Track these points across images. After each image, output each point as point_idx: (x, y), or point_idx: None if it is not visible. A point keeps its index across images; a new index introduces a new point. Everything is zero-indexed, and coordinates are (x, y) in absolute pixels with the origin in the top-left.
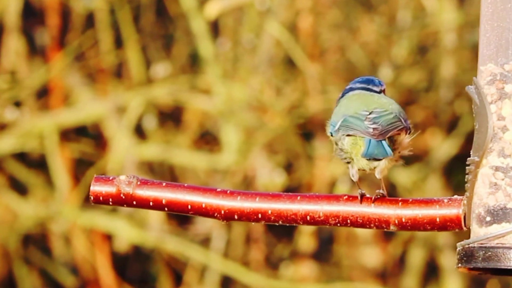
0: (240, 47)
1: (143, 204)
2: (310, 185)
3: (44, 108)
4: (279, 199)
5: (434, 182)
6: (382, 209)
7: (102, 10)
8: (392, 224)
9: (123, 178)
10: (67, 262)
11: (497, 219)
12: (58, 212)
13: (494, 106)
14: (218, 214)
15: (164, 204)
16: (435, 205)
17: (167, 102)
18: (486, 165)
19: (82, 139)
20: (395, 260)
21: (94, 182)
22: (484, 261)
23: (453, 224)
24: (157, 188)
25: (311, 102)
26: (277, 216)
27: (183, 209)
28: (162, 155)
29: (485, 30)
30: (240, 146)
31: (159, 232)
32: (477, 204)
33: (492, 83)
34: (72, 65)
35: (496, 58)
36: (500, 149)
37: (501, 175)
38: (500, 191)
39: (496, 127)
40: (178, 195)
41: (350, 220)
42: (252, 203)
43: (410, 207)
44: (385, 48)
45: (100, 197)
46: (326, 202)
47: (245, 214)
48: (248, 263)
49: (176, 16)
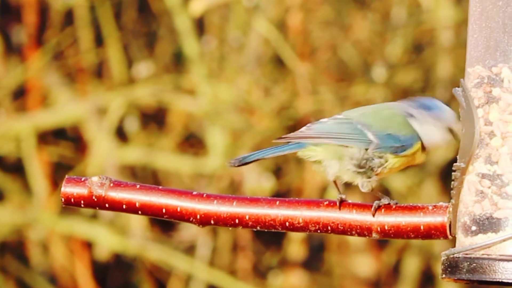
0: (227, 45)
1: (116, 207)
2: (300, 190)
3: (21, 110)
4: (257, 204)
5: (430, 187)
6: (364, 216)
7: (81, 6)
8: (374, 231)
9: (95, 180)
10: (45, 271)
11: (483, 229)
12: (36, 219)
13: (481, 110)
14: (194, 219)
15: (137, 207)
16: (419, 212)
17: (149, 103)
18: (472, 171)
19: (60, 142)
20: (389, 269)
21: (65, 183)
22: (468, 272)
23: (438, 232)
24: (131, 190)
25: (301, 103)
26: (255, 221)
27: (158, 212)
28: (144, 158)
29: (473, 31)
30: (226, 149)
31: (141, 240)
32: (463, 212)
33: (480, 86)
34: (50, 65)
35: (484, 60)
36: (487, 156)
37: (487, 183)
38: (487, 200)
39: (483, 132)
40: (152, 198)
41: (331, 227)
42: (229, 207)
43: (393, 214)
44: (379, 46)
45: (71, 199)
46: (306, 207)
47: (221, 219)
48: (235, 271)
49: (160, 13)
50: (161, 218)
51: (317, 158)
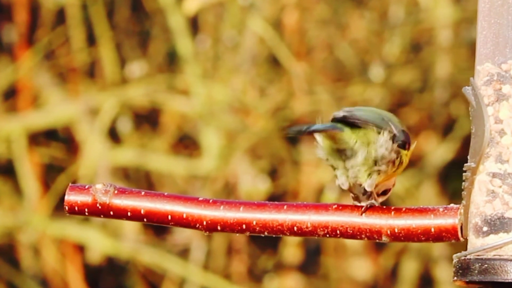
0: (221, 44)
1: (121, 214)
2: (296, 192)
3: (12, 110)
4: (264, 209)
5: (429, 189)
6: (373, 219)
7: (73, 5)
8: (384, 234)
9: (99, 187)
10: (36, 275)
11: (495, 229)
12: (27, 221)
13: (491, 108)
14: (200, 225)
15: (142, 214)
16: (430, 215)
17: (143, 104)
18: (483, 171)
19: (52, 143)
20: (386, 273)
21: (69, 191)
22: (480, 274)
23: (449, 234)
24: (136, 197)
25: (297, 103)
26: (262, 226)
27: (163, 219)
28: (137, 160)
29: (482, 28)
30: (221, 151)
31: (134, 243)
32: (474, 213)
33: (489, 84)
34: (41, 64)
35: (493, 57)
36: (497, 154)
37: (498, 182)
38: (498, 199)
39: (493, 130)
40: (158, 205)
41: (340, 231)
42: (236, 213)
43: (403, 217)
44: (376, 45)
45: (75, 207)
46: (314, 211)
47: (228, 225)
48: (229, 275)
49: (153, 11)
50: (167, 225)
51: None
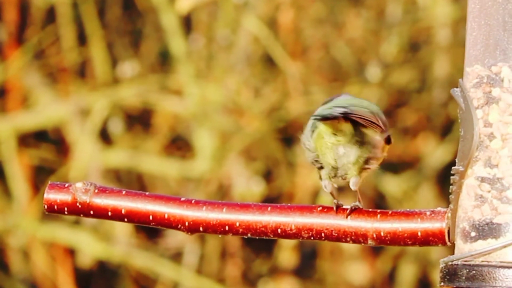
0: (215, 44)
1: (101, 214)
2: (291, 194)
3: (1, 111)
4: (248, 210)
5: (427, 192)
6: (359, 222)
7: (64, 3)
8: (370, 238)
9: (79, 186)
10: (25, 279)
11: (483, 235)
12: (16, 224)
13: (480, 111)
14: (182, 226)
15: (123, 214)
16: (416, 218)
17: (135, 104)
18: (471, 175)
19: (42, 145)
20: (384, 277)
21: (48, 190)
22: (468, 280)
23: (436, 239)
24: (116, 196)
25: (292, 104)
26: (246, 228)
27: (144, 219)
28: (129, 162)
29: (472, 29)
30: (214, 152)
31: (126, 246)
32: (462, 217)
33: (479, 86)
34: (31, 64)
35: (483, 59)
36: (486, 159)
37: (487, 187)
38: (486, 204)
39: (483, 134)
40: (139, 205)
41: (325, 234)
42: (218, 214)
43: (390, 220)
44: (373, 45)
45: (54, 205)
46: (298, 213)
47: (211, 226)
48: (223, 279)
49: (145, 10)
50: (148, 226)
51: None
